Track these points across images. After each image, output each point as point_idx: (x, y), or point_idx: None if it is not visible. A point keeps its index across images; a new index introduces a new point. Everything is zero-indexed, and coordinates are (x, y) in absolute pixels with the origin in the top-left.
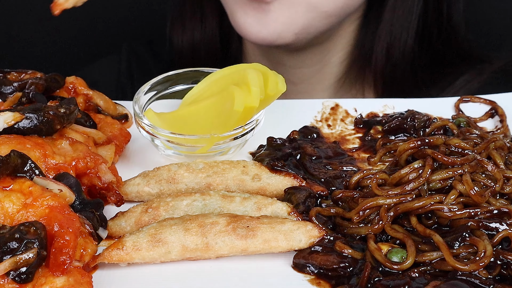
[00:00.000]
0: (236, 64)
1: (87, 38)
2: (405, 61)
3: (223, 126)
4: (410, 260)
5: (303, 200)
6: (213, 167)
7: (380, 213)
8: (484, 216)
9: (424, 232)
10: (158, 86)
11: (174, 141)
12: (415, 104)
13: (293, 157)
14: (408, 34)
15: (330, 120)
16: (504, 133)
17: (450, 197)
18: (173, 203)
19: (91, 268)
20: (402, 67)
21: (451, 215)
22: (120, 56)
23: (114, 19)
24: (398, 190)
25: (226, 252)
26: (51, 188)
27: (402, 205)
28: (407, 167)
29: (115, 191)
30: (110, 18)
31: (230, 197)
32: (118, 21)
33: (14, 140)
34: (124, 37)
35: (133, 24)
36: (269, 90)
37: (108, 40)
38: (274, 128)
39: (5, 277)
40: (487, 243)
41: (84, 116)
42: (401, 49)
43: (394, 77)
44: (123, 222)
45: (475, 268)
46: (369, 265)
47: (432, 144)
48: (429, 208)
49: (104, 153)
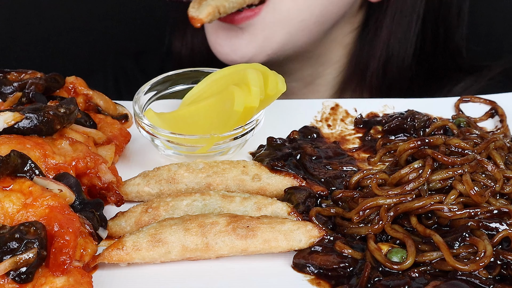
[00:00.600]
0: (236, 64)
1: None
2: (401, 78)
3: (223, 126)
4: (410, 260)
5: (303, 200)
6: (213, 167)
7: (380, 213)
8: (484, 216)
9: (424, 232)
10: (158, 86)
11: (174, 141)
12: (415, 104)
13: (293, 157)
14: (405, 52)
15: (330, 120)
16: (504, 133)
17: (450, 197)
18: (173, 203)
19: (91, 268)
20: (398, 85)
21: (451, 215)
22: (106, 73)
23: (97, 33)
24: (398, 190)
25: (226, 252)
26: (51, 188)
27: (402, 205)
28: (407, 167)
29: (115, 191)
30: (93, 32)
31: (230, 197)
32: (102, 35)
33: (14, 140)
34: (109, 51)
35: (117, 37)
36: (269, 90)
37: (93, 55)
38: (274, 128)
39: (5, 277)
40: (487, 243)
41: (84, 116)
42: (398, 66)
43: (390, 93)
44: (123, 222)
45: (475, 268)
46: (369, 265)
47: (432, 144)
48: (429, 208)
49: (104, 153)
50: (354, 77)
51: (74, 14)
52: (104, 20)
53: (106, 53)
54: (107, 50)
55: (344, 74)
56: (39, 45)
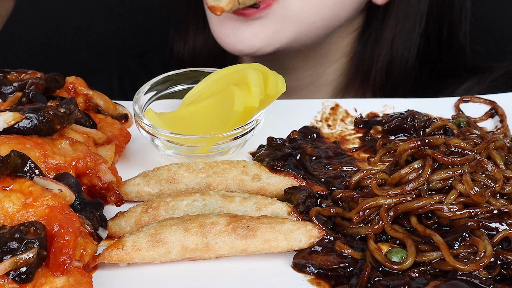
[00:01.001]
0: (236, 64)
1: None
2: (405, 79)
3: (223, 126)
4: (410, 260)
5: (303, 200)
6: (213, 167)
7: (380, 213)
8: (484, 216)
9: (424, 232)
10: (158, 86)
11: (174, 141)
12: (415, 104)
13: (293, 157)
14: (409, 52)
15: (330, 120)
16: (504, 133)
17: (450, 197)
18: (173, 203)
19: (91, 268)
20: (402, 85)
21: (451, 215)
22: (111, 72)
23: (102, 33)
24: (398, 190)
25: (226, 252)
26: (51, 188)
27: (402, 205)
28: (407, 167)
29: (115, 191)
30: (96, 32)
31: (230, 197)
32: (106, 35)
33: (14, 140)
34: (113, 51)
35: (121, 37)
36: (269, 90)
37: (97, 55)
38: (274, 128)
39: (5, 277)
40: (487, 243)
41: (84, 116)
42: (402, 67)
43: (393, 94)
44: (123, 222)
45: (475, 268)
46: (369, 265)
47: (432, 144)
48: (429, 208)
49: (104, 153)
50: (356, 78)
51: (75, 14)
52: (108, 20)
53: (110, 53)
54: (111, 50)
55: (346, 75)
56: (39, 45)
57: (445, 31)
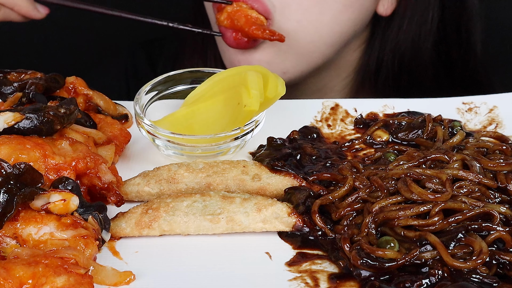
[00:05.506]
0: (238, 66)
1: (88, 42)
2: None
3: (231, 125)
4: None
5: (303, 200)
6: (213, 167)
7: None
8: (469, 222)
9: (416, 235)
10: (159, 86)
11: (175, 141)
12: (415, 104)
13: (293, 157)
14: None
15: (330, 120)
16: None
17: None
18: (173, 204)
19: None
20: (410, 91)
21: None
22: (125, 59)
23: (102, 33)
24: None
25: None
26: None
27: (386, 213)
28: None
29: (115, 191)
30: (98, 32)
31: (230, 198)
32: (106, 35)
33: (14, 140)
34: (125, 39)
35: (122, 36)
36: (268, 93)
37: (110, 42)
38: (274, 128)
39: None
40: (482, 242)
41: (84, 116)
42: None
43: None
44: (123, 223)
45: (474, 265)
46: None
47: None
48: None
49: (104, 153)
50: (364, 87)
51: (76, 13)
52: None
53: (110, 53)
54: (111, 50)
55: (353, 85)
56: (39, 45)
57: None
